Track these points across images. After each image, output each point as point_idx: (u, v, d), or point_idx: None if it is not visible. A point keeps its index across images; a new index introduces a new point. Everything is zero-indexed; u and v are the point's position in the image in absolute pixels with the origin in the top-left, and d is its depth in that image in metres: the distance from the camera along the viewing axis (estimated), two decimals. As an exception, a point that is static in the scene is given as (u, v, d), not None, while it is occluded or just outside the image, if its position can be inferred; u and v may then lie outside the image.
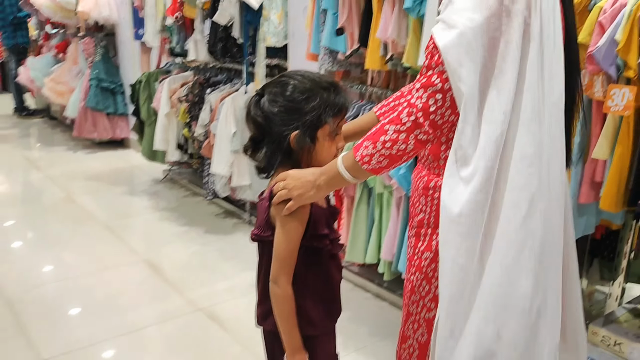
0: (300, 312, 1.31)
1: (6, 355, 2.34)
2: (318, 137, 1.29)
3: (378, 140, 1.18)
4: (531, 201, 1.16)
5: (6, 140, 6.10)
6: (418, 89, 1.18)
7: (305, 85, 1.29)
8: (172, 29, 3.98)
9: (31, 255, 3.36)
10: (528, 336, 1.19)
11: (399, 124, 1.17)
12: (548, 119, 1.16)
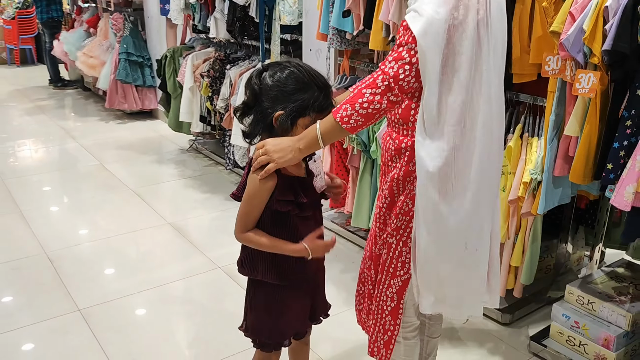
0: (271, 264, 1.58)
1: (48, 305, 2.67)
2: (298, 123, 1.49)
3: (356, 102, 1.42)
4: (489, 154, 1.49)
5: (42, 110, 6.45)
6: (390, 61, 1.44)
7: (303, 77, 1.48)
8: (195, 7, 4.20)
9: (68, 218, 3.69)
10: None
11: (374, 88, 1.42)
12: (495, 87, 1.46)
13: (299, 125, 1.50)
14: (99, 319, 2.56)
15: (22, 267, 3.01)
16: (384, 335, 1.76)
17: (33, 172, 4.50)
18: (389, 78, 1.41)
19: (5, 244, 3.26)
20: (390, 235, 1.66)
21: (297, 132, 1.49)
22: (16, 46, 9.09)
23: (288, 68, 1.50)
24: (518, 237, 2.37)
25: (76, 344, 2.38)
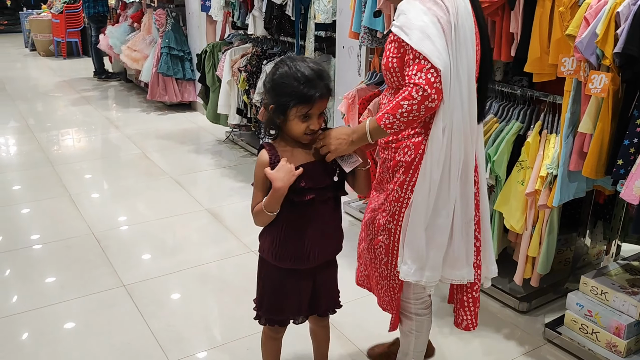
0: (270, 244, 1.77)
1: (96, 279, 2.91)
2: (288, 115, 1.63)
3: (397, 112, 1.61)
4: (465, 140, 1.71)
5: (88, 101, 6.78)
6: (415, 73, 1.60)
7: (287, 73, 1.61)
8: (234, 4, 4.40)
9: (112, 202, 3.95)
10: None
11: (411, 99, 1.59)
12: (467, 79, 1.67)
13: (290, 117, 1.64)
14: (142, 294, 2.78)
15: (72, 245, 3.26)
16: (394, 310, 1.97)
17: (80, 160, 4.79)
18: (423, 86, 1.58)
19: (57, 225, 3.52)
20: (387, 221, 1.83)
21: (292, 123, 1.65)
22: (63, 39, 9.49)
23: (280, 65, 1.66)
24: (535, 229, 2.48)
25: (121, 316, 2.61)
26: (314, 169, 1.71)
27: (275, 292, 1.82)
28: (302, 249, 1.75)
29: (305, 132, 1.67)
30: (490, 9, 2.37)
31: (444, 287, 2.33)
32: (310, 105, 1.61)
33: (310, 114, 1.64)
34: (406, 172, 1.76)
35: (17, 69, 8.78)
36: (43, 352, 2.37)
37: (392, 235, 1.84)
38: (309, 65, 1.64)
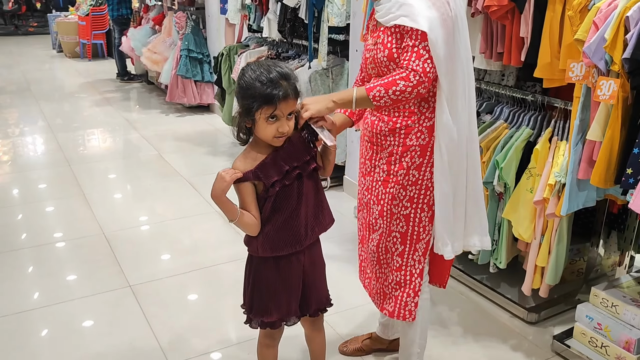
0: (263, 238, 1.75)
1: (102, 278, 2.94)
2: (255, 117, 1.62)
3: (390, 88, 1.69)
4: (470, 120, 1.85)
5: (109, 102, 6.87)
6: (414, 60, 1.69)
7: (251, 76, 1.61)
8: (250, 7, 4.41)
9: (126, 202, 3.99)
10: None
11: (407, 81, 1.68)
12: (467, 70, 1.79)
13: (258, 119, 1.63)
14: (147, 295, 2.79)
15: (82, 245, 3.30)
16: (414, 297, 1.96)
17: (97, 159, 4.85)
18: (420, 73, 1.68)
19: (69, 224, 3.57)
20: (404, 207, 1.88)
21: (261, 126, 1.64)
22: (89, 41, 9.66)
23: (247, 69, 1.66)
24: (544, 238, 2.42)
25: (125, 316, 2.62)
26: (294, 148, 1.72)
27: (265, 292, 1.82)
28: (298, 227, 1.75)
29: (276, 136, 1.65)
30: (499, 13, 2.33)
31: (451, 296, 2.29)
32: (274, 106, 1.61)
33: (276, 115, 1.62)
34: (422, 155, 1.83)
35: (43, 70, 8.95)
36: (45, 349, 2.40)
37: (412, 220, 1.89)
38: (275, 68, 1.64)
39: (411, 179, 1.86)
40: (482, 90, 2.89)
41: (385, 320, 2.33)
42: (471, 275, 2.89)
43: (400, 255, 1.93)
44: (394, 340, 2.36)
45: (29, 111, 6.38)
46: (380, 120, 1.88)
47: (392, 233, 1.92)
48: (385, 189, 1.90)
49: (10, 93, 7.27)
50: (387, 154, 1.88)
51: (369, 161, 1.96)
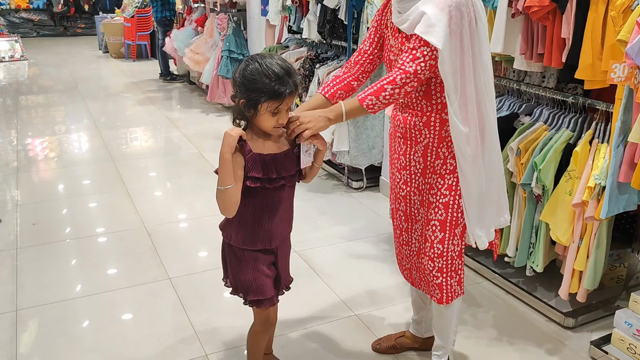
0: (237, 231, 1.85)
1: (143, 271, 3.03)
2: (259, 109, 1.68)
3: (380, 95, 1.78)
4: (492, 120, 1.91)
5: (152, 102, 7.05)
6: (408, 61, 1.76)
7: (258, 70, 1.67)
8: (291, 9, 4.47)
9: (167, 198, 4.09)
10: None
11: (394, 84, 1.77)
12: (486, 70, 1.84)
13: (261, 111, 1.69)
14: (186, 287, 2.87)
15: (124, 237, 3.41)
16: (457, 276, 2.02)
17: (140, 157, 4.99)
18: (409, 75, 1.75)
19: (113, 217, 3.69)
20: (443, 195, 1.94)
21: (263, 117, 1.70)
22: (133, 42, 9.91)
23: (251, 62, 1.71)
24: (583, 242, 2.38)
25: (164, 307, 2.70)
26: (285, 159, 1.81)
27: (256, 273, 1.90)
28: (271, 229, 1.86)
29: (275, 126, 1.74)
30: (540, 14, 2.31)
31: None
32: (281, 101, 1.69)
33: (280, 109, 1.71)
34: (450, 146, 1.90)
35: (90, 70, 9.23)
36: (88, 337, 2.49)
37: (451, 207, 1.94)
38: (278, 62, 1.70)
39: (449, 168, 1.92)
40: (522, 92, 2.86)
41: (418, 317, 2.35)
42: (507, 278, 2.87)
43: (440, 242, 1.98)
44: (427, 339, 2.37)
45: (76, 109, 6.60)
46: (414, 115, 1.93)
47: (430, 222, 1.98)
48: (424, 179, 1.97)
49: (59, 92, 7.53)
50: (423, 147, 1.95)
51: (404, 156, 2.00)
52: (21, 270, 3.00)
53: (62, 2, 13.04)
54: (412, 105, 1.93)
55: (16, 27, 12.67)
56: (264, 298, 1.92)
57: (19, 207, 3.81)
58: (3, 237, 3.35)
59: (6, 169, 4.54)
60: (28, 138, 5.43)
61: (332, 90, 2.02)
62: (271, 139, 1.80)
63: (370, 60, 2.05)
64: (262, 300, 1.93)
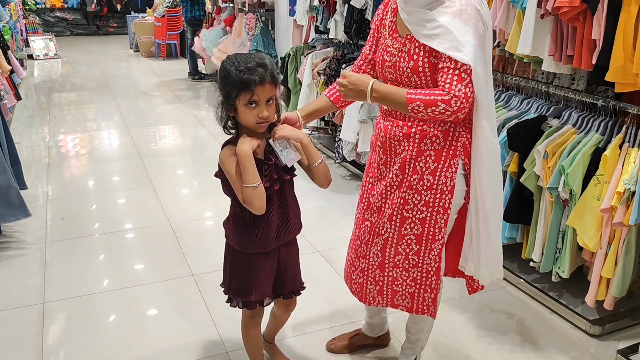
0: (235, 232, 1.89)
1: (167, 267, 3.07)
2: (236, 104, 1.70)
3: (430, 107, 1.71)
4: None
5: (181, 100, 7.13)
6: (456, 85, 1.69)
7: (229, 64, 1.69)
8: (318, 9, 4.47)
9: (192, 196, 4.13)
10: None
11: (448, 105, 1.69)
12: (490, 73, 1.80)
13: (238, 106, 1.71)
14: (209, 284, 2.89)
15: (150, 234, 3.45)
16: (432, 294, 2.00)
17: (167, 154, 5.05)
18: (462, 99, 1.69)
19: (139, 214, 3.75)
20: (420, 211, 1.87)
21: (242, 113, 1.72)
22: (163, 41, 10.05)
23: (227, 59, 1.73)
24: (611, 248, 2.33)
25: (187, 303, 2.73)
26: (274, 163, 1.80)
27: (241, 275, 1.93)
28: (267, 233, 1.86)
29: (257, 122, 1.72)
30: (570, 14, 2.27)
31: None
32: (251, 91, 1.67)
33: (254, 100, 1.69)
34: (437, 159, 1.84)
35: (120, 69, 9.39)
36: (113, 330, 2.53)
37: (427, 223, 1.90)
38: (252, 57, 1.71)
39: (426, 184, 1.86)
40: (550, 94, 2.82)
41: (371, 321, 2.38)
42: (532, 284, 2.82)
43: (416, 253, 1.96)
44: (380, 336, 2.42)
45: (106, 107, 6.72)
46: (395, 125, 1.88)
47: (404, 237, 1.94)
48: (399, 193, 1.91)
49: (90, 90, 7.68)
50: (401, 159, 1.89)
51: (383, 166, 1.97)
52: (50, 264, 3.07)
53: (96, 2, 13.30)
54: (394, 114, 1.88)
55: (51, 25, 12.97)
56: (252, 300, 1.95)
57: (49, 201, 3.90)
58: (34, 231, 3.43)
59: (38, 164, 4.65)
60: (60, 134, 5.55)
61: (338, 93, 2.03)
62: (261, 143, 1.79)
63: (372, 66, 2.01)
64: (252, 302, 1.95)
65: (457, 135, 1.83)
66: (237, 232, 1.89)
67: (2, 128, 3.40)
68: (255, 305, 1.97)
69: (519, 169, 2.66)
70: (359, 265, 2.09)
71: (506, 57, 3.01)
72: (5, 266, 3.03)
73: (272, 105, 1.75)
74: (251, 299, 1.95)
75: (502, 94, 3.04)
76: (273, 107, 1.76)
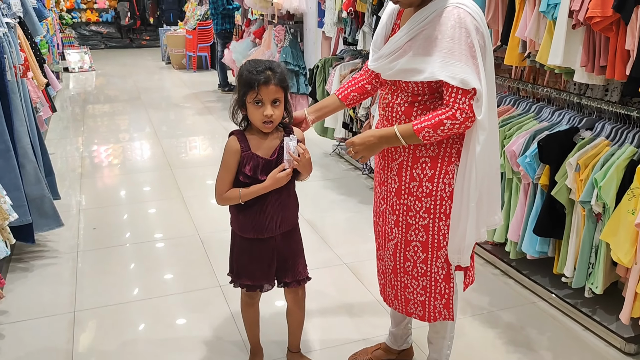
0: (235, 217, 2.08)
1: (196, 277, 3.09)
2: (246, 103, 1.89)
3: (438, 128, 1.74)
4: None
5: (210, 112, 7.22)
6: (460, 98, 1.72)
7: (242, 68, 1.89)
8: (346, 21, 4.49)
9: (221, 207, 4.14)
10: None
11: (454, 120, 1.73)
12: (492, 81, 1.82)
13: (247, 104, 1.89)
14: (236, 296, 2.89)
15: (179, 244, 3.49)
16: (442, 299, 1.99)
17: (197, 165, 5.12)
18: (467, 111, 1.72)
19: (169, 224, 3.79)
20: (422, 218, 1.89)
21: (250, 111, 1.90)
22: (194, 53, 10.21)
23: (242, 64, 1.92)
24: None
25: (214, 314, 2.74)
26: (277, 162, 1.97)
27: (242, 258, 2.11)
28: (263, 220, 2.01)
29: (263, 121, 1.88)
30: (603, 24, 2.22)
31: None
32: (256, 91, 1.84)
33: (260, 99, 1.85)
34: (433, 166, 1.86)
35: (152, 81, 9.57)
36: (141, 340, 2.56)
37: (431, 230, 1.91)
38: (264, 61, 1.89)
39: (425, 191, 1.88)
40: (583, 106, 2.76)
41: (396, 330, 2.34)
42: (564, 299, 2.76)
43: (423, 262, 1.96)
44: (403, 350, 2.38)
45: (139, 118, 6.85)
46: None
47: (411, 243, 1.96)
48: (398, 200, 1.95)
49: (123, 101, 7.84)
50: (397, 165, 1.93)
51: (383, 171, 2.01)
52: (81, 273, 3.12)
53: (129, 15, 13.60)
54: (391, 120, 1.91)
55: (86, 39, 13.31)
56: (252, 284, 2.11)
57: (82, 211, 3.98)
58: (66, 241, 3.50)
59: (72, 174, 4.75)
60: (93, 145, 5.67)
61: (346, 92, 2.12)
62: (266, 142, 1.96)
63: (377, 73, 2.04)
64: (249, 285, 2.12)
65: (450, 142, 1.85)
66: (237, 218, 2.07)
67: (38, 140, 3.49)
68: (255, 289, 2.15)
69: (550, 181, 2.61)
70: (380, 267, 2.15)
71: (537, 67, 2.96)
72: (38, 275, 3.10)
73: (278, 106, 1.90)
74: (249, 282, 2.11)
75: (532, 105, 3.00)
76: (280, 109, 1.90)
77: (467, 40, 1.69)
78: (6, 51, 3.04)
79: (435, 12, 1.73)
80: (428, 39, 1.73)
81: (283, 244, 2.11)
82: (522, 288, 2.97)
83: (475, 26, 1.70)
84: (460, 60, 1.68)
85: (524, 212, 2.82)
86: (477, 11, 1.74)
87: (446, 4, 1.72)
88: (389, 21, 1.95)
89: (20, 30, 3.83)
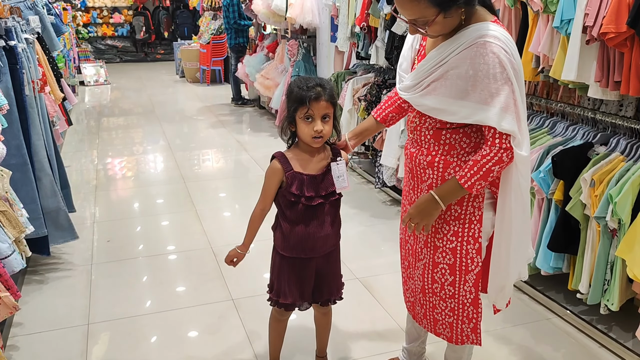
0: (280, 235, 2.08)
1: (208, 290, 3.10)
2: (296, 119, 1.91)
3: (488, 177, 1.73)
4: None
5: (223, 125, 7.27)
6: (500, 136, 1.69)
7: (292, 84, 1.93)
8: (359, 36, 4.51)
9: (234, 219, 4.18)
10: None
11: (502, 163, 1.72)
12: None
13: (298, 120, 1.92)
14: (248, 309, 2.91)
15: (191, 257, 3.51)
16: (470, 323, 1.98)
17: (210, 178, 5.14)
18: (509, 149, 1.70)
19: (182, 237, 3.81)
20: (450, 241, 1.87)
21: (300, 127, 1.92)
22: (208, 67, 10.30)
23: (292, 81, 1.96)
24: (663, 281, 2.24)
25: (226, 328, 2.75)
26: (323, 178, 1.98)
27: (282, 277, 2.11)
28: (306, 242, 2.02)
29: (313, 136, 1.90)
30: (617, 40, 2.22)
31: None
32: (307, 106, 1.86)
33: (310, 114, 1.88)
34: None
35: (167, 94, 9.66)
36: (154, 353, 2.57)
37: (459, 253, 1.89)
38: (314, 78, 1.92)
39: (453, 214, 1.87)
40: (597, 121, 2.75)
41: (409, 347, 2.34)
42: (579, 315, 2.73)
43: (451, 284, 1.94)
44: None
45: (153, 131, 6.91)
46: (420, 153, 1.90)
47: (438, 265, 1.94)
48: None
49: (137, 114, 7.92)
50: (427, 187, 1.90)
51: (412, 191, 1.99)
52: (95, 285, 3.14)
53: (144, 30, 13.77)
54: (419, 142, 1.89)
55: (102, 53, 13.49)
56: (291, 302, 2.12)
57: (96, 223, 4.01)
58: (81, 253, 3.53)
59: (87, 187, 4.80)
60: (108, 158, 5.73)
61: (384, 113, 2.10)
62: (314, 160, 1.98)
63: None
64: (288, 305, 2.13)
65: None
66: (281, 236, 2.08)
67: (54, 153, 3.53)
68: (293, 309, 2.16)
69: (565, 196, 2.59)
70: (410, 286, 2.13)
71: (550, 82, 2.96)
72: (53, 287, 3.13)
73: (328, 122, 1.92)
74: (288, 302, 2.11)
75: (546, 120, 2.99)
76: (329, 125, 1.92)
77: (502, 75, 1.63)
78: (25, 66, 3.09)
79: (465, 44, 1.66)
80: (460, 78, 1.67)
81: (323, 264, 2.12)
82: (537, 304, 2.94)
83: (509, 60, 1.64)
84: (499, 102, 1.65)
85: (538, 228, 2.80)
86: (508, 42, 1.67)
87: (477, 36, 1.65)
88: (415, 42, 1.93)
89: (38, 46, 3.90)
